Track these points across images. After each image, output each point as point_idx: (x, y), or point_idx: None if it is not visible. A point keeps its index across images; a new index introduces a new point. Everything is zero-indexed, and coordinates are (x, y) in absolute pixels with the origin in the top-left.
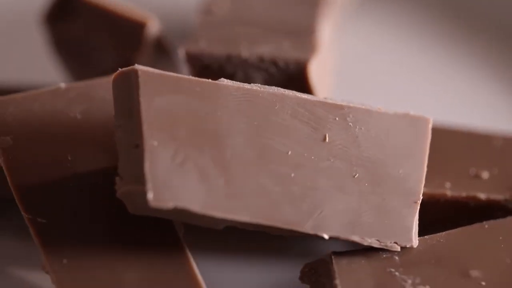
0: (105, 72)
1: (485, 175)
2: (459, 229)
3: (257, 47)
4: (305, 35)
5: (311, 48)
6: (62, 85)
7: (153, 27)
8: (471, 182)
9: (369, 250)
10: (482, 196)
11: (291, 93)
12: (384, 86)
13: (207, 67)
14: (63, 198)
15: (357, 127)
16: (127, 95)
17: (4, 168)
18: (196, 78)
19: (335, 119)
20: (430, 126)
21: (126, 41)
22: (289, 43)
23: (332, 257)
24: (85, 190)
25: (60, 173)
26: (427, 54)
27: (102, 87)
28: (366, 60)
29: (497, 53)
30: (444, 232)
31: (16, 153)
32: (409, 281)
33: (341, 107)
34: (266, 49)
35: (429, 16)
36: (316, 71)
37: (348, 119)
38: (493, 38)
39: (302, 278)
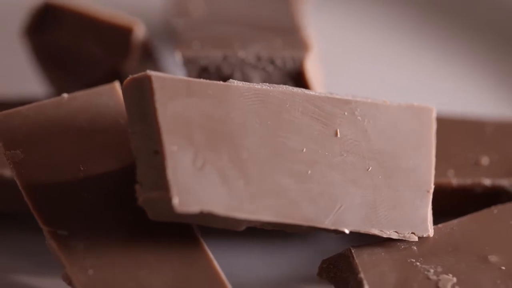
0: (94, 81)
1: (485, 161)
2: (470, 216)
3: (251, 46)
4: (294, 32)
5: (304, 45)
6: (65, 95)
7: (140, 32)
8: (473, 169)
9: (386, 242)
10: (487, 182)
11: (299, 91)
12: (370, 77)
13: (204, 69)
14: (80, 207)
15: (366, 120)
16: (140, 101)
17: (18, 182)
18: (207, 81)
19: (344, 113)
20: (434, 115)
21: (114, 48)
22: (281, 41)
23: (353, 251)
24: (101, 197)
25: (75, 183)
26: (404, 41)
27: (105, 95)
28: (347, 53)
29: (475, 42)
30: (455, 220)
31: (28, 166)
32: (432, 271)
33: (348, 102)
34: (260, 48)
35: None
36: (312, 68)
37: (356, 113)
38: (472, 27)
39: (321, 273)
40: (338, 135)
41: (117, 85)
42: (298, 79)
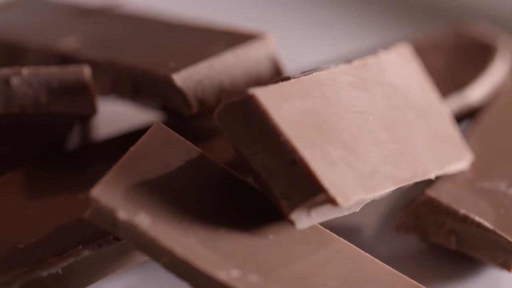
0: (56, 139)
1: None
2: (474, 132)
3: (222, 50)
4: (224, 31)
5: (257, 34)
6: (132, 148)
7: (88, 71)
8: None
9: (445, 178)
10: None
11: (332, 68)
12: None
13: (198, 83)
14: (229, 241)
15: (384, 75)
16: (250, 121)
17: (167, 248)
18: (286, 82)
19: (369, 75)
20: (411, 48)
21: (74, 94)
22: (226, 39)
23: (432, 195)
24: (237, 220)
25: (212, 222)
26: None
27: (160, 135)
28: None
29: None
30: (470, 138)
31: (163, 228)
32: (502, 186)
33: (365, 64)
34: (232, 47)
35: None
36: None
37: (375, 71)
38: None
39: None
40: (379, 95)
41: (159, 122)
42: (272, 65)
